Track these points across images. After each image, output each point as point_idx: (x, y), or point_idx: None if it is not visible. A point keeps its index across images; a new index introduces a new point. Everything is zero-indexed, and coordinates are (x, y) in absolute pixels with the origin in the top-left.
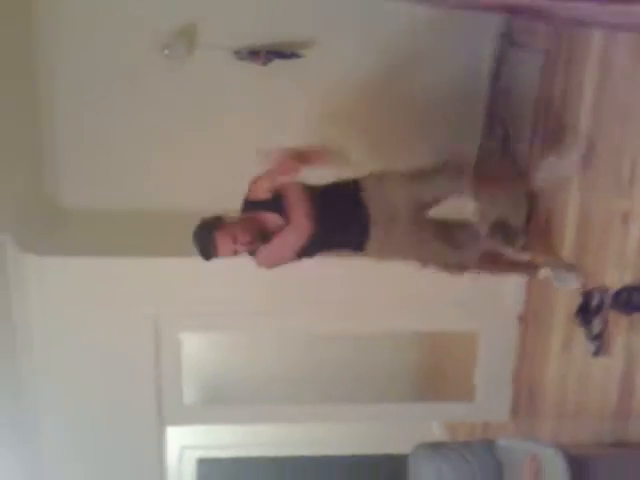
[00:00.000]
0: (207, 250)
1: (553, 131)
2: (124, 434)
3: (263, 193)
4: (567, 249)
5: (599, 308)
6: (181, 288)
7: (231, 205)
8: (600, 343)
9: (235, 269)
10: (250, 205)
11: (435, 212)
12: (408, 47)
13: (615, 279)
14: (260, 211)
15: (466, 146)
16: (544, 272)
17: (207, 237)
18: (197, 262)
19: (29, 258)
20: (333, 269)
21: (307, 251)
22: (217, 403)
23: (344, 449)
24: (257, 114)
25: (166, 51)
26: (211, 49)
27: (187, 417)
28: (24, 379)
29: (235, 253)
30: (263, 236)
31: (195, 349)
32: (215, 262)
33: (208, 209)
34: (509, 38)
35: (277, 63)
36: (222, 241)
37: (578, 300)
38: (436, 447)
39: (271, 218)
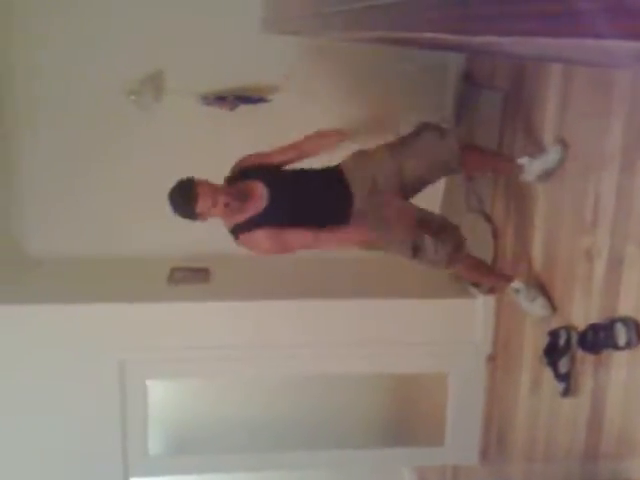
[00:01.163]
0: (188, 195)
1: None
2: None
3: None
4: None
5: (566, 347)
6: (148, 334)
7: (200, 251)
8: (568, 383)
9: (202, 315)
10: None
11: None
12: (375, 85)
13: (581, 317)
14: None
15: None
16: (515, 285)
17: (189, 182)
18: (164, 308)
19: None
20: (299, 312)
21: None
22: (183, 453)
23: None
24: (225, 159)
25: (132, 97)
26: (178, 95)
27: (152, 468)
28: None
29: (214, 204)
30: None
31: (160, 397)
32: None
33: (175, 255)
34: (470, 79)
35: (244, 108)
36: (202, 190)
37: (546, 339)
38: None
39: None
